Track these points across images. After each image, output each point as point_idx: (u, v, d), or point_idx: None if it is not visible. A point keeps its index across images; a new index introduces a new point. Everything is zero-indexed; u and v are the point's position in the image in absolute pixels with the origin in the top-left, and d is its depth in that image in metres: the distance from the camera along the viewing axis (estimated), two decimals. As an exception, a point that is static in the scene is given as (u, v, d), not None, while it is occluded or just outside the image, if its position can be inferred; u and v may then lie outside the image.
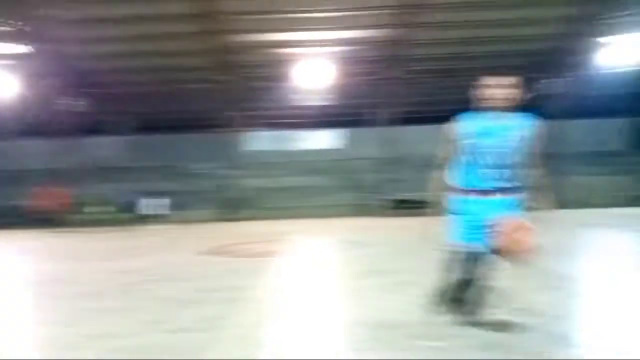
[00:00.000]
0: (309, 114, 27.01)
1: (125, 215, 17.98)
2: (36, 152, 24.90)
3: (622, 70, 19.97)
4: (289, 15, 17.64)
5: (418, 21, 17.42)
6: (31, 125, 25.12)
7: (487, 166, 2.98)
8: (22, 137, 25.70)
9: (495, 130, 2.99)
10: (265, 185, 23.23)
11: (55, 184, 18.86)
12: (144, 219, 18.14)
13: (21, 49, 18.65)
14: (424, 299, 3.39)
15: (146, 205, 16.68)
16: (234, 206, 20.42)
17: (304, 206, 21.37)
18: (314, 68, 19.94)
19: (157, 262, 7.37)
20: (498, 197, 3.00)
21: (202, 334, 3.35)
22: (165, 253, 8.68)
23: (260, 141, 25.98)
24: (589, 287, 4.72)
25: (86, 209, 17.49)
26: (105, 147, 25.55)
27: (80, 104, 20.48)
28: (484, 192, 3.01)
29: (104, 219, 17.37)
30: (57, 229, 15.90)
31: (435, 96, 21.71)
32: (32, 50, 18.55)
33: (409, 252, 7.53)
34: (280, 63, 20.63)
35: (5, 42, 18.47)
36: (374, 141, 23.37)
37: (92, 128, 25.82)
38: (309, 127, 26.29)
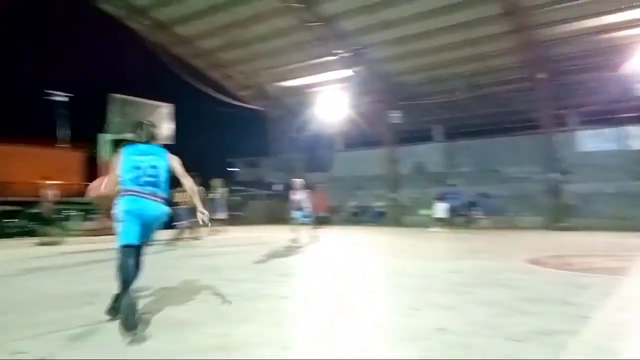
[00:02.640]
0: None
1: (457, 219, 18.97)
2: (367, 159, 28.83)
3: None
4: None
5: None
6: (362, 137, 29.18)
7: None
8: (357, 147, 30.13)
9: None
10: (597, 191, 20.33)
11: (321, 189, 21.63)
12: (469, 222, 18.64)
13: (346, 72, 21.89)
14: None
15: (464, 208, 17.01)
16: (560, 213, 18.51)
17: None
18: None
19: (481, 266, 7.33)
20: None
21: (541, 348, 3.11)
22: (488, 258, 8.57)
23: (586, 141, 22.94)
24: None
25: (421, 212, 19.01)
26: (423, 154, 27.31)
27: (398, 116, 22.48)
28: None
29: (426, 222, 18.46)
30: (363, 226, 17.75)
31: None
32: (355, 72, 21.53)
33: None
34: (607, 50, 17.73)
35: (334, 70, 22.34)
36: None
37: (410, 137, 28.11)
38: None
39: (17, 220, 23.07)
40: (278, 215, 25.91)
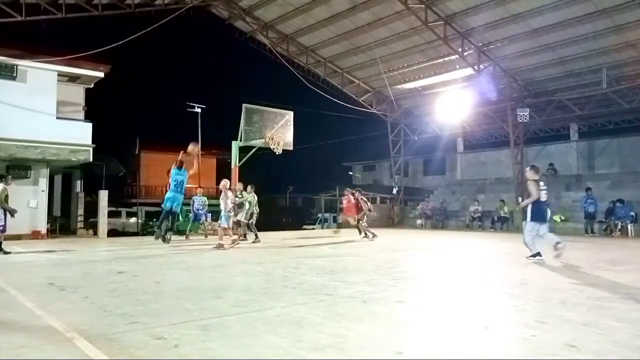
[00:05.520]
0: None
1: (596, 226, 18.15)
2: (491, 161, 27.25)
3: None
4: None
5: None
6: (487, 137, 27.65)
7: None
8: (481, 148, 28.66)
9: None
10: None
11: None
12: (610, 230, 17.55)
13: (469, 71, 20.93)
14: None
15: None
16: None
17: None
18: None
19: (620, 279, 6.49)
20: None
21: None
22: (629, 270, 7.59)
23: None
24: None
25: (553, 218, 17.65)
26: (556, 154, 25.14)
27: (526, 114, 20.88)
28: None
29: (557, 228, 17.01)
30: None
31: None
32: (477, 71, 20.38)
33: None
34: None
35: (456, 69, 21.50)
36: None
37: (541, 136, 25.97)
38: None
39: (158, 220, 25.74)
40: (394, 218, 25.73)
